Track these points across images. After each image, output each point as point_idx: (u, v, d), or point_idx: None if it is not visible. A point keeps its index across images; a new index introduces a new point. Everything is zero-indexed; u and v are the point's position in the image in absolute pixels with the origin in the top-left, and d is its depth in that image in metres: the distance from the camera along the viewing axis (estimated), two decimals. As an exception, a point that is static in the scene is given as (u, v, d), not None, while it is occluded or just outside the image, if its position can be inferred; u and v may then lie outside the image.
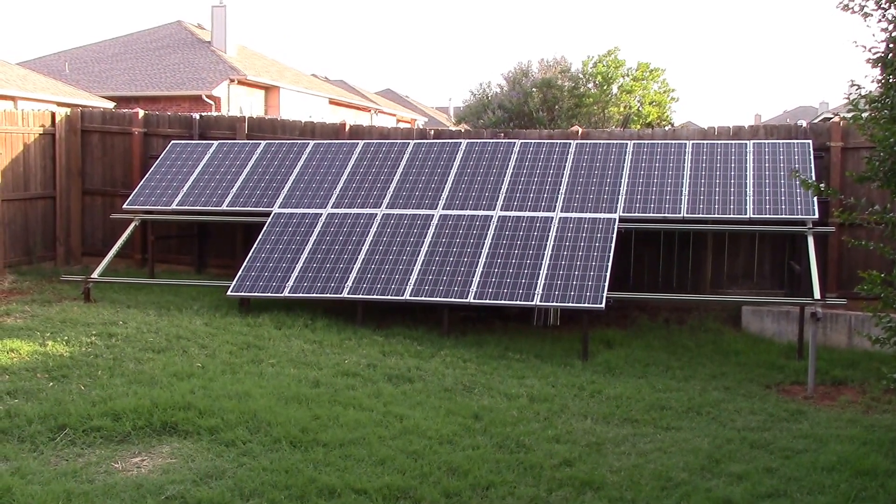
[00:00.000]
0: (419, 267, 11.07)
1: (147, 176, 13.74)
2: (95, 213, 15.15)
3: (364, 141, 13.69)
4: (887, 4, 6.39)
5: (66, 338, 9.39)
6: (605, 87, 31.87)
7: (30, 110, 14.70)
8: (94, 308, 11.20)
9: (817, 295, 10.12)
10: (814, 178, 11.13)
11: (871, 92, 6.74)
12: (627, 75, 32.68)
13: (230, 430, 6.77)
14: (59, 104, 22.50)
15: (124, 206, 13.48)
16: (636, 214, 11.51)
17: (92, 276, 12.27)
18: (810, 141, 12.16)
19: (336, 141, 13.87)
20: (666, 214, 11.45)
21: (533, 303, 10.44)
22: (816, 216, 11.09)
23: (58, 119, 14.80)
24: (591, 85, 31.86)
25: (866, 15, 6.50)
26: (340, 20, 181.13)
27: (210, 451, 6.43)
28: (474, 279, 10.77)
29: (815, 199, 11.18)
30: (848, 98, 6.70)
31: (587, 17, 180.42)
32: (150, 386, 7.74)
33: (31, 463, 6.10)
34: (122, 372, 8.21)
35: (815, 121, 25.25)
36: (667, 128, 25.81)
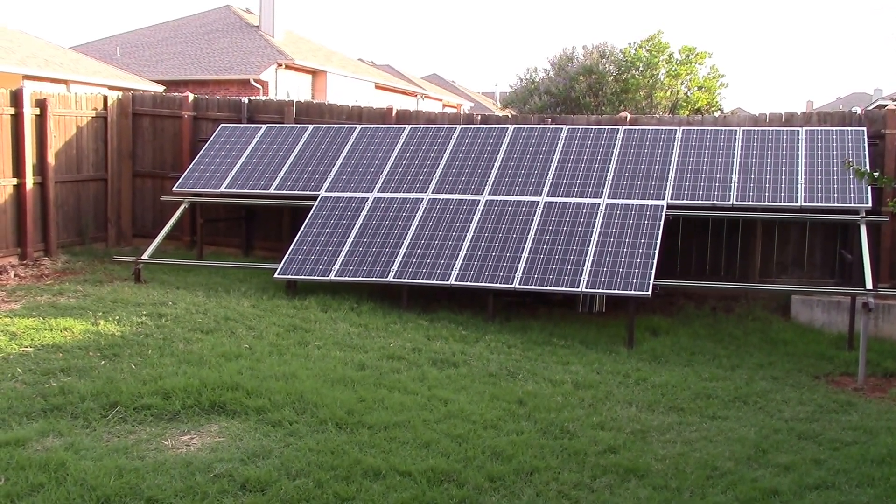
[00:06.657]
0: (464, 252, 11.08)
1: (196, 159, 13.92)
2: (146, 195, 15.39)
3: (411, 126, 13.71)
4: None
5: (117, 317, 9.58)
6: (647, 73, 31.38)
7: (82, 94, 14.95)
8: (145, 289, 11.41)
9: (869, 285, 9.93)
10: (868, 166, 10.91)
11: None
12: (669, 61, 32.11)
13: (277, 410, 6.86)
14: (111, 88, 22.83)
15: (174, 188, 13.69)
16: (684, 201, 11.37)
17: (142, 258, 12.48)
18: (864, 128, 11.91)
19: (383, 125, 13.91)
20: (715, 202, 11.30)
21: (578, 289, 10.39)
22: (870, 205, 10.87)
23: (110, 102, 15.03)
24: (635, 71, 31.39)
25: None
26: (387, 5, 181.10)
27: (257, 430, 6.53)
28: (519, 265, 10.75)
29: (869, 187, 10.96)
30: None
31: (635, 1, 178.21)
32: (199, 366, 7.86)
33: (84, 439, 6.24)
34: (171, 352, 8.35)
35: (870, 108, 24.69)
36: (716, 114, 25.44)
